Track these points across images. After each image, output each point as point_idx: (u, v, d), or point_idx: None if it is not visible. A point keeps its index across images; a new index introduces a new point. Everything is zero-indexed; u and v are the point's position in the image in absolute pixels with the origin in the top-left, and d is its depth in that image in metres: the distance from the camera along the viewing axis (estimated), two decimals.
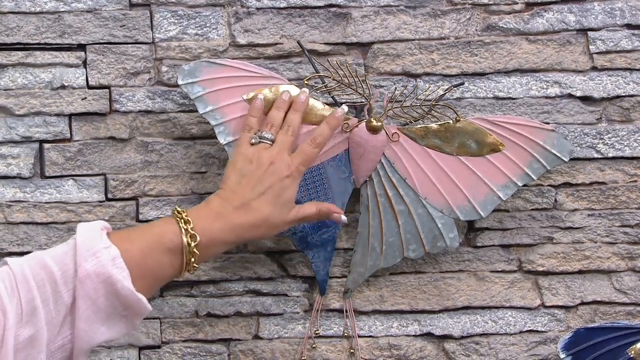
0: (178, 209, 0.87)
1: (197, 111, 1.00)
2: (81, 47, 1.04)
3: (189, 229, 0.85)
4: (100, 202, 1.05)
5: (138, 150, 1.05)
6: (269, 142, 0.94)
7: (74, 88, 1.04)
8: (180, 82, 1.00)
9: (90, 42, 1.04)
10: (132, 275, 0.80)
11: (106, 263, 0.79)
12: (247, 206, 0.89)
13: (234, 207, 0.89)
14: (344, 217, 0.98)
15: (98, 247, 0.79)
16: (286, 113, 0.97)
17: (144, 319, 1.02)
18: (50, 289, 0.77)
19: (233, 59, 1.04)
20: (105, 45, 1.04)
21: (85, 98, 1.04)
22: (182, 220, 0.85)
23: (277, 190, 0.91)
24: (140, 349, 1.07)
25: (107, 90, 1.04)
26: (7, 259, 0.79)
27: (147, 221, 1.04)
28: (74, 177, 1.04)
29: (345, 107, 0.99)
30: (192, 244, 0.84)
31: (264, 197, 0.90)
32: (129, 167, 1.05)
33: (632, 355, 0.97)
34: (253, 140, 0.94)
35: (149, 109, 1.05)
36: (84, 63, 1.04)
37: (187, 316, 1.06)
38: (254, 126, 0.96)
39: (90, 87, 1.04)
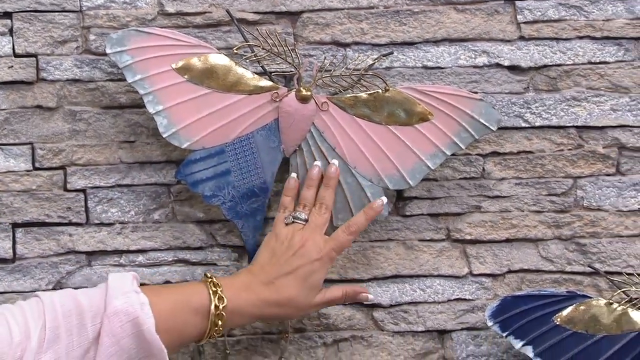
0: (208, 274, 0.91)
1: (125, 80, 0.99)
2: (7, 14, 1.03)
3: (218, 291, 0.88)
4: (28, 171, 1.04)
5: (66, 119, 1.04)
6: (302, 222, 0.97)
7: (0, 56, 1.03)
8: (108, 50, 0.99)
9: (17, 10, 1.03)
10: (157, 326, 0.82)
11: (135, 305, 0.82)
12: (273, 284, 0.92)
13: (261, 282, 0.92)
14: (371, 296, 1.01)
15: (129, 289, 0.83)
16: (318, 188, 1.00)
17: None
18: (76, 321, 0.80)
19: (162, 27, 1.03)
20: (32, 13, 1.03)
21: (12, 66, 1.03)
22: (212, 284, 0.89)
23: (305, 273, 0.94)
24: None
25: (34, 58, 1.03)
26: (38, 292, 0.83)
27: (75, 190, 1.04)
28: (1, 147, 1.03)
29: (385, 199, 1.00)
30: (220, 306, 0.88)
31: (291, 278, 0.93)
32: (56, 136, 1.04)
33: (558, 323, 0.98)
34: (287, 221, 0.97)
35: (77, 77, 1.04)
36: (10, 31, 1.03)
37: None
38: (288, 206, 0.99)
39: (16, 56, 1.03)
